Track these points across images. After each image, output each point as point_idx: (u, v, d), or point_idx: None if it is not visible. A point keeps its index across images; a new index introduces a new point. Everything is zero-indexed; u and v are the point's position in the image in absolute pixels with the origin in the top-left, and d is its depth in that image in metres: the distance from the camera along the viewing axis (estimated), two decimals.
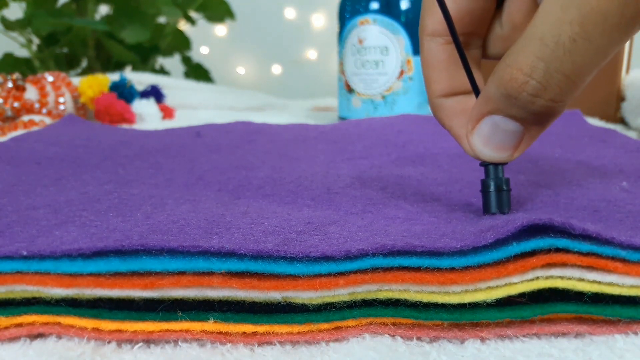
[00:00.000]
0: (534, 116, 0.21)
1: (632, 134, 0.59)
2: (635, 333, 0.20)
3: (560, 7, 0.18)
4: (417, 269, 0.20)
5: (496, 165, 0.24)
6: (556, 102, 0.20)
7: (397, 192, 0.28)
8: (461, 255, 0.19)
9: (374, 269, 0.20)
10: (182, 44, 1.32)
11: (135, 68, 1.24)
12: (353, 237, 0.21)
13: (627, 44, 0.68)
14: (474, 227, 0.21)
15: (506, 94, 0.20)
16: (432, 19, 0.24)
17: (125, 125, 0.60)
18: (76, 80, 0.70)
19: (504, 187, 0.24)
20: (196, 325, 0.20)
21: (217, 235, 0.21)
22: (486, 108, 0.22)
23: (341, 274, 0.20)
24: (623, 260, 0.19)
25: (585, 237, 0.19)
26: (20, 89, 0.57)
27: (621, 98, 0.68)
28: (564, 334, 0.20)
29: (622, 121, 0.68)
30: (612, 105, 0.69)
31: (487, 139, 0.22)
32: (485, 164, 0.24)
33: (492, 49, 0.26)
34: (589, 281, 0.19)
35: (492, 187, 0.24)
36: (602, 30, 0.18)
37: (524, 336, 0.20)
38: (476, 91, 0.24)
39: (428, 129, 0.43)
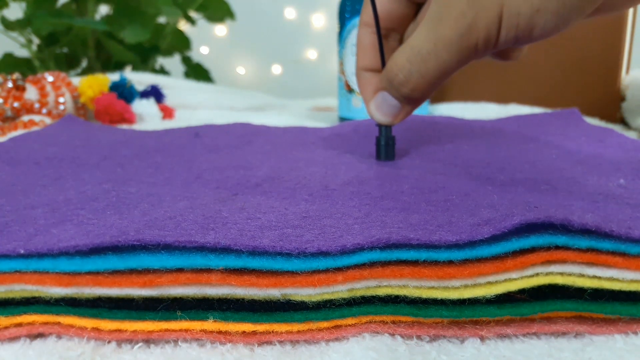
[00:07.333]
0: (404, 99, 0.29)
1: (632, 134, 0.59)
2: (635, 333, 0.20)
3: (427, 30, 0.26)
4: (415, 263, 0.20)
5: (386, 126, 0.33)
6: (414, 92, 0.28)
7: (394, 187, 0.28)
8: (458, 248, 0.19)
9: (372, 264, 0.20)
10: (182, 44, 1.32)
11: (135, 68, 1.24)
12: (349, 231, 0.21)
13: (627, 44, 0.68)
14: (472, 218, 0.21)
15: (387, 80, 0.29)
16: (367, 13, 0.32)
17: (125, 125, 0.60)
18: (76, 80, 0.70)
19: (390, 142, 0.34)
20: (196, 325, 0.20)
21: (214, 230, 0.21)
22: (380, 85, 0.30)
23: (339, 269, 0.20)
24: (623, 254, 0.19)
25: (584, 231, 0.19)
26: (20, 89, 0.57)
27: (621, 98, 0.68)
28: (563, 334, 0.20)
29: (622, 121, 0.68)
30: (612, 105, 0.69)
31: (378, 106, 0.31)
32: (378, 125, 0.33)
33: None
34: (589, 277, 0.19)
35: (382, 142, 0.34)
36: (447, 52, 0.25)
37: (523, 336, 0.20)
38: None
39: (426, 131, 0.43)
